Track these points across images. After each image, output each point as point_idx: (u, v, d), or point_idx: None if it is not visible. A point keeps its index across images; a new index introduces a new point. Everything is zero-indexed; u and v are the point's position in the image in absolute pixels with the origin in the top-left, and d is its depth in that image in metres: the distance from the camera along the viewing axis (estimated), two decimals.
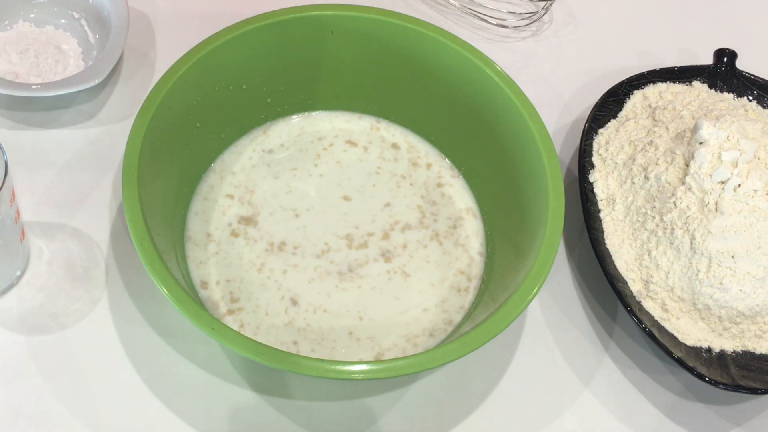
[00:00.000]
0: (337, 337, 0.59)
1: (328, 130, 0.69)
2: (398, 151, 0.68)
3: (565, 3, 0.83)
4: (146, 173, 0.56)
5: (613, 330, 0.63)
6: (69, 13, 0.72)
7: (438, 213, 0.66)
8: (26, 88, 0.65)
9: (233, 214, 0.64)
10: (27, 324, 0.59)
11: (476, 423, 0.58)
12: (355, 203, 0.65)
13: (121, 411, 0.56)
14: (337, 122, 0.69)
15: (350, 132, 0.69)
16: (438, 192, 0.67)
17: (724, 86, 0.72)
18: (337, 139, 0.69)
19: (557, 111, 0.75)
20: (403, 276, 0.62)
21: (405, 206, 0.66)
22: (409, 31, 0.64)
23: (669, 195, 0.61)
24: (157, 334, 0.59)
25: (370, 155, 0.68)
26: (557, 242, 0.55)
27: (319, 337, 0.59)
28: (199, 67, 0.61)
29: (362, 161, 0.68)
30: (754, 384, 0.57)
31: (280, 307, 0.60)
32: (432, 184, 0.67)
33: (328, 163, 0.67)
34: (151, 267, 0.52)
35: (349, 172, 0.67)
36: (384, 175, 0.67)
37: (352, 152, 0.68)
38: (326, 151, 0.68)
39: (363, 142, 0.69)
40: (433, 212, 0.66)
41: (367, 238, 0.64)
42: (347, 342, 0.59)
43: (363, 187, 0.66)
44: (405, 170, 0.68)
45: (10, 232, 0.56)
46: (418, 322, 0.61)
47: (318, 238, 0.63)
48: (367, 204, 0.65)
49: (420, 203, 0.66)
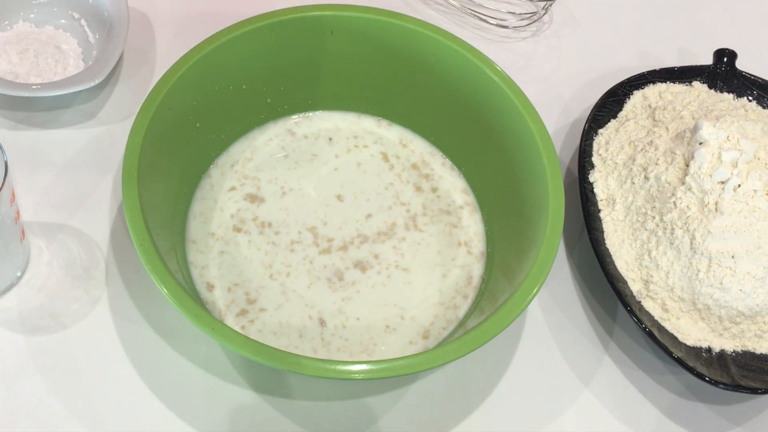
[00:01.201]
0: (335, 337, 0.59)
1: (328, 130, 0.69)
2: (398, 151, 0.68)
3: (565, 3, 0.83)
4: (146, 173, 0.56)
5: (613, 330, 0.64)
6: (69, 13, 0.72)
7: (438, 213, 0.66)
8: (26, 88, 0.65)
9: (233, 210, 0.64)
10: (27, 324, 0.59)
11: (476, 423, 0.58)
12: (353, 203, 0.65)
13: (121, 411, 0.56)
14: (337, 122, 0.69)
15: (350, 132, 0.69)
16: (437, 192, 0.67)
17: (724, 86, 0.72)
18: (337, 138, 0.69)
19: (557, 111, 0.75)
20: (402, 276, 0.62)
21: (405, 206, 0.66)
22: (409, 31, 0.64)
23: (669, 195, 0.61)
24: (157, 334, 0.59)
25: (370, 155, 0.68)
26: (557, 242, 0.55)
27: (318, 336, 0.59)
28: (199, 67, 0.61)
29: (362, 161, 0.68)
30: (754, 384, 0.57)
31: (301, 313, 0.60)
32: (432, 184, 0.67)
33: (328, 163, 0.67)
34: (151, 267, 0.52)
35: (349, 171, 0.67)
36: (384, 174, 0.67)
37: (351, 152, 0.68)
38: (326, 150, 0.68)
39: (363, 142, 0.69)
40: (432, 212, 0.66)
41: (366, 237, 0.64)
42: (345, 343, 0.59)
43: (362, 187, 0.66)
44: (405, 170, 0.68)
45: (10, 232, 0.56)
46: (418, 321, 0.61)
47: (317, 238, 0.63)
48: (365, 204, 0.65)
49: (419, 203, 0.66)
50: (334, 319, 0.60)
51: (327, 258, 0.62)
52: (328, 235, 0.63)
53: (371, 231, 0.64)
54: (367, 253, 0.63)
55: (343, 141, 0.68)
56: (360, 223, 0.64)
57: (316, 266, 0.62)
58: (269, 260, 0.62)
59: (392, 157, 0.68)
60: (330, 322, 0.60)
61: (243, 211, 0.64)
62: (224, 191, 0.65)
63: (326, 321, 0.60)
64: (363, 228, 0.64)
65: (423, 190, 0.67)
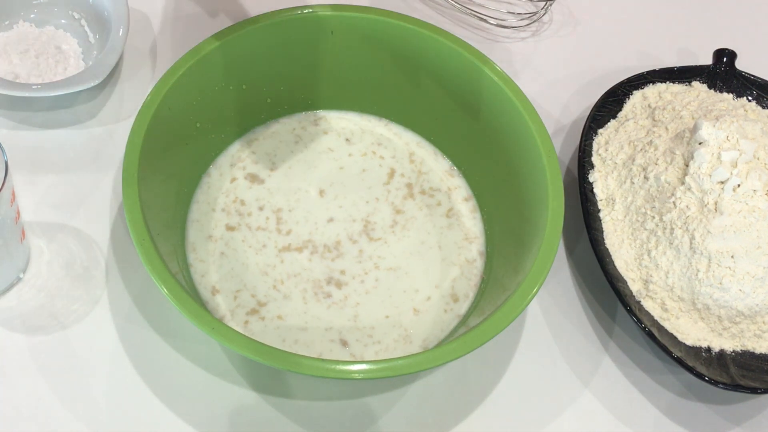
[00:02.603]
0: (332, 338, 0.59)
1: (328, 129, 0.69)
2: (398, 151, 0.68)
3: (565, 3, 0.83)
4: (146, 173, 0.56)
5: (613, 330, 0.64)
6: (69, 13, 0.72)
7: (437, 213, 0.66)
8: (26, 89, 0.65)
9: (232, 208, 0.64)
10: (27, 324, 0.59)
11: (476, 423, 0.58)
12: (353, 203, 0.65)
13: (121, 411, 0.56)
14: (336, 122, 0.69)
15: (350, 131, 0.69)
16: (437, 192, 0.67)
17: (723, 86, 0.72)
18: (337, 138, 0.69)
19: (557, 111, 0.75)
20: (402, 275, 0.62)
21: (404, 206, 0.66)
22: (409, 31, 0.64)
23: (668, 195, 0.61)
24: (157, 334, 0.59)
25: (370, 155, 0.68)
26: (557, 242, 0.56)
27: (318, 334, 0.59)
28: (199, 67, 0.61)
29: (362, 161, 0.68)
30: (753, 383, 0.57)
31: None
32: (431, 184, 0.67)
33: (328, 163, 0.67)
34: (151, 267, 0.52)
35: (349, 171, 0.67)
36: (383, 174, 0.67)
37: (351, 152, 0.68)
38: (326, 150, 0.68)
39: (363, 142, 0.69)
40: (432, 212, 0.66)
41: (365, 237, 0.64)
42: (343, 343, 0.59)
43: (361, 187, 0.66)
44: (405, 170, 0.68)
45: (10, 232, 0.56)
46: (417, 321, 0.61)
47: (317, 237, 0.63)
48: (365, 204, 0.65)
49: (419, 203, 0.66)
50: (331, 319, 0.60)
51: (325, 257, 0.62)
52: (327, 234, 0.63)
53: (370, 230, 0.64)
54: (365, 253, 0.63)
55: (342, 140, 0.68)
56: (359, 223, 0.64)
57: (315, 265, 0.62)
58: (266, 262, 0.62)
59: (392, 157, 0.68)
60: (350, 339, 0.59)
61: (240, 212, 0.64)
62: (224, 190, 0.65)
63: (348, 341, 0.59)
64: (362, 227, 0.64)
65: (423, 191, 0.67)
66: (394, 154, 0.68)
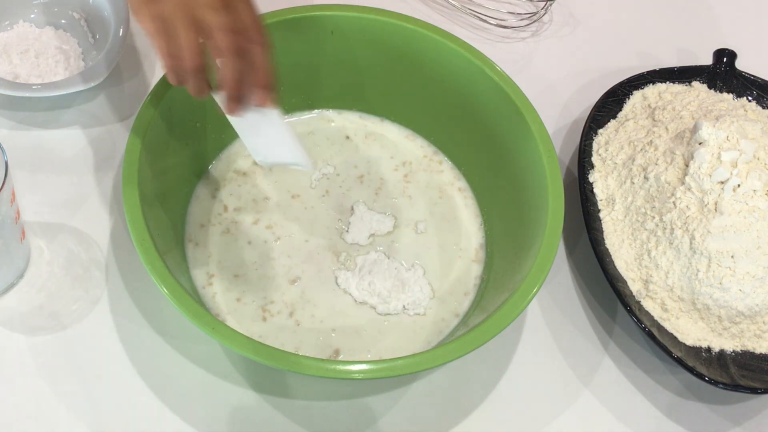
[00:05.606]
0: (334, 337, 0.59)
1: (328, 129, 0.69)
2: (398, 151, 0.68)
3: (565, 3, 0.83)
4: (146, 173, 0.56)
5: (613, 330, 0.64)
6: (69, 14, 0.72)
7: (437, 213, 0.66)
8: (26, 89, 0.65)
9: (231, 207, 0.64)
10: (27, 324, 0.59)
11: (476, 423, 0.58)
12: (353, 202, 0.65)
13: (121, 411, 0.56)
14: (336, 122, 0.69)
15: (350, 131, 0.69)
16: (437, 192, 0.67)
17: (723, 86, 0.72)
18: (337, 138, 0.69)
19: (557, 111, 0.75)
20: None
21: (404, 206, 0.66)
22: (409, 31, 0.64)
23: (668, 195, 0.61)
24: (157, 334, 0.59)
25: (370, 155, 0.68)
26: (557, 242, 0.56)
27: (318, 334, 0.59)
28: None
29: (361, 160, 0.68)
30: (753, 383, 0.57)
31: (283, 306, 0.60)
32: (431, 184, 0.67)
33: (328, 162, 0.67)
34: (151, 267, 0.52)
35: (349, 171, 0.67)
36: (383, 174, 0.67)
37: (351, 151, 0.68)
38: (326, 150, 0.68)
39: (363, 142, 0.69)
40: (432, 212, 0.66)
41: (365, 237, 0.64)
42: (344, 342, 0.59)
43: (360, 187, 0.66)
44: (405, 170, 0.68)
45: (10, 232, 0.56)
46: (417, 321, 0.61)
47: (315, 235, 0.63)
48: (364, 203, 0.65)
49: (419, 203, 0.66)
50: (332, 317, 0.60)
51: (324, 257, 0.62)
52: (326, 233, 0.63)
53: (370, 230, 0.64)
54: (365, 253, 0.63)
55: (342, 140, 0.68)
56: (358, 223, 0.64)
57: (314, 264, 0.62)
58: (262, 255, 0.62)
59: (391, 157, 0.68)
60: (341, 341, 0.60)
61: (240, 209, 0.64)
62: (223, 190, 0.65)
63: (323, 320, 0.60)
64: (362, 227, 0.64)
65: (422, 190, 0.67)
66: (393, 153, 0.68)
